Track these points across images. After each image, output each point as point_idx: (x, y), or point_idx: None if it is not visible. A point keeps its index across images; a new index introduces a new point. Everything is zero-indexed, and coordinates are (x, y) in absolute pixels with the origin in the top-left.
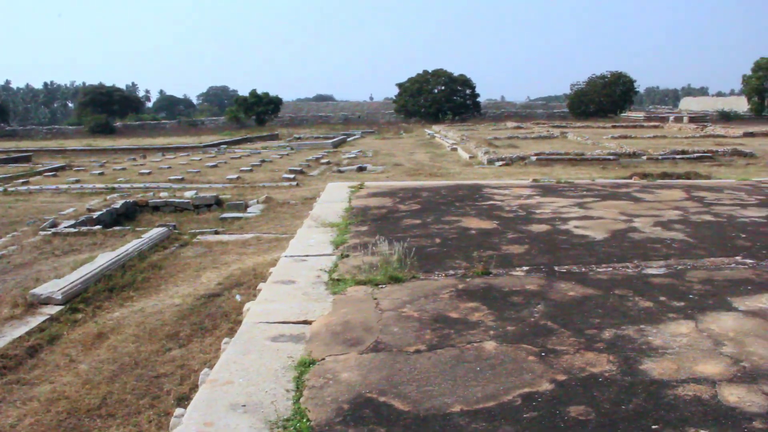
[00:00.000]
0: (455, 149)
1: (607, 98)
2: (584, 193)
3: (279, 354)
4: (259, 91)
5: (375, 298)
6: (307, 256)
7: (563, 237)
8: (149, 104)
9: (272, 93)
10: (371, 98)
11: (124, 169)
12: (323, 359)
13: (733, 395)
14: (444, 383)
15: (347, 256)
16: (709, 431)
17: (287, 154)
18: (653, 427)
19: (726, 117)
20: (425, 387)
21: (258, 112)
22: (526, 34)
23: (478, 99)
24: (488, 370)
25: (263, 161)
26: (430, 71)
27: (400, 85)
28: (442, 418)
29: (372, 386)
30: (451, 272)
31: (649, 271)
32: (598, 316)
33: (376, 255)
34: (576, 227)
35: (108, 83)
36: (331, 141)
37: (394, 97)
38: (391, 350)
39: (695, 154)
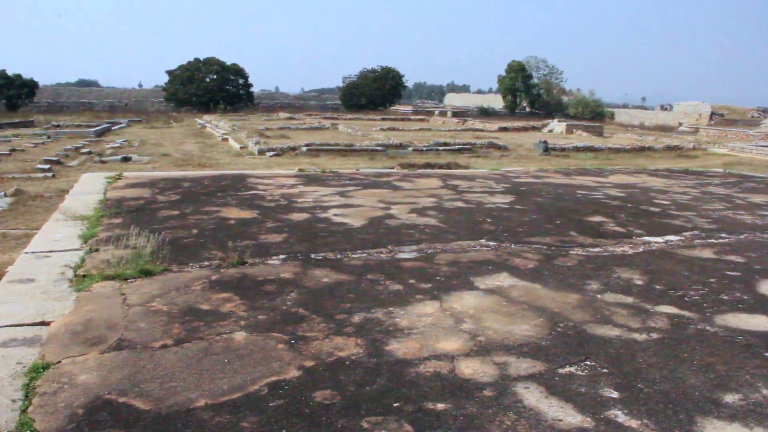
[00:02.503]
0: (226, 139)
1: (377, 92)
2: (347, 182)
3: (7, 361)
4: (10, 72)
5: (123, 294)
6: (51, 251)
7: (322, 225)
8: None
9: (26, 75)
10: (140, 85)
11: None
12: (59, 362)
13: (468, 368)
14: (189, 378)
15: (96, 250)
16: (446, 404)
17: (43, 143)
18: (395, 405)
19: (485, 113)
20: (169, 383)
21: (9, 95)
22: (301, 27)
23: (252, 89)
24: (236, 361)
25: (13, 150)
26: (201, 59)
27: (170, 73)
28: (186, 414)
29: (112, 387)
30: (206, 263)
31: (402, 255)
32: (350, 301)
33: (128, 248)
34: (336, 215)
35: None
36: (94, 129)
37: (164, 85)
38: (136, 347)
39: (456, 146)
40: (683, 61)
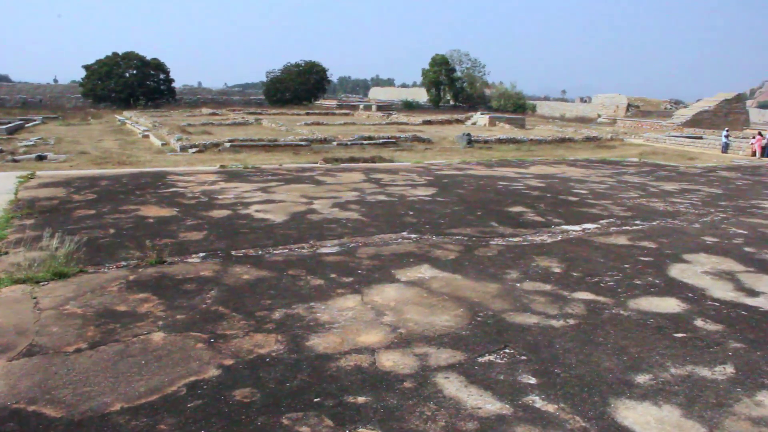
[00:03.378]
0: (147, 136)
1: (302, 86)
2: (270, 177)
3: None
4: None
5: (34, 297)
6: None
7: (243, 221)
8: None
9: None
10: (55, 81)
11: None
12: None
13: (389, 360)
14: (105, 382)
15: (6, 253)
16: (366, 397)
17: None
18: (315, 400)
19: (409, 106)
20: (83, 388)
21: None
22: (223, 20)
23: (173, 85)
24: (154, 362)
25: None
26: (120, 54)
27: (87, 68)
28: (100, 419)
29: (21, 395)
30: (123, 263)
31: (324, 250)
32: (271, 298)
33: (41, 250)
34: (257, 211)
35: None
36: (5, 127)
37: (81, 81)
38: (47, 353)
39: (381, 140)
40: (602, 54)
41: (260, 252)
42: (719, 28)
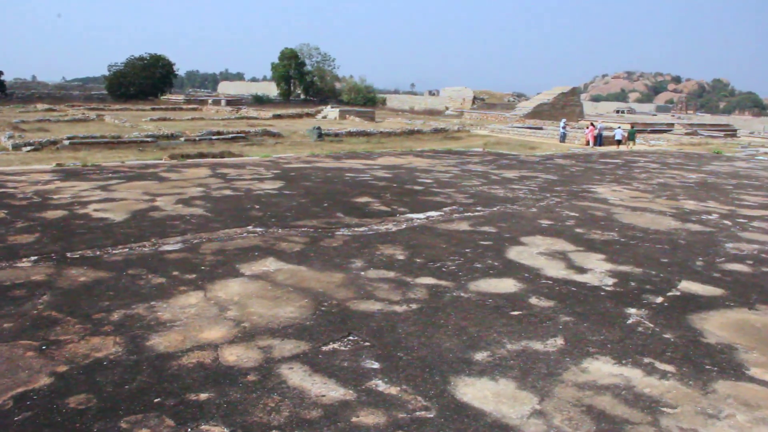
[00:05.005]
0: None
1: (147, 80)
2: (110, 175)
3: None
4: None
5: None
6: None
7: (80, 221)
8: None
9: None
10: None
11: None
12: None
13: (232, 355)
14: None
15: None
16: (209, 393)
17: None
18: (155, 400)
19: (259, 100)
20: None
21: None
22: (60, 8)
23: (3, 78)
24: None
25: None
26: None
27: None
28: None
29: None
30: None
31: (166, 247)
32: (109, 299)
33: None
34: (96, 210)
35: None
36: None
37: None
38: None
39: (230, 135)
40: (449, 48)
41: (98, 252)
42: (556, 27)
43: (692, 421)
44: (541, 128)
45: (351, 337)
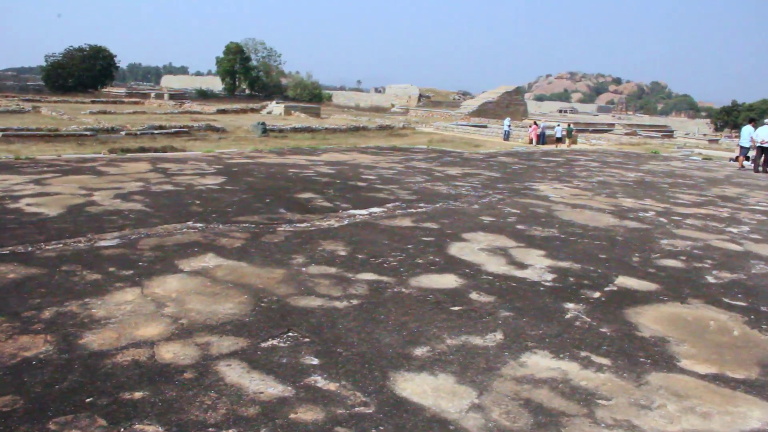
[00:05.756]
0: None
1: (87, 72)
2: (45, 169)
3: None
4: None
5: None
6: None
7: (12, 216)
8: None
9: None
10: None
11: None
12: None
13: (169, 352)
14: None
15: None
16: (144, 392)
17: None
18: (87, 400)
19: (204, 95)
20: None
21: None
22: None
23: None
24: None
25: None
26: None
27: None
28: None
29: None
30: None
31: (102, 243)
32: (41, 296)
33: None
34: (29, 205)
35: None
36: None
37: None
38: None
39: (173, 129)
40: (395, 45)
41: (30, 248)
42: (502, 27)
43: (626, 412)
44: (485, 126)
45: (290, 333)
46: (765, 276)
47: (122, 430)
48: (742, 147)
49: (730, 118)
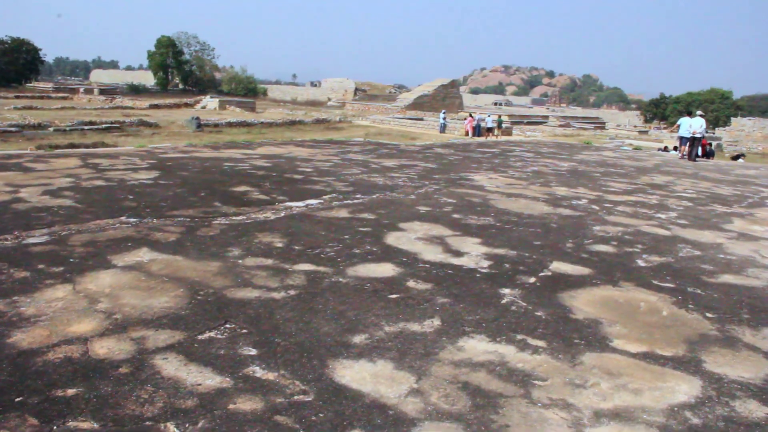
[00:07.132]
0: None
1: (9, 66)
2: None
3: None
4: None
5: None
6: None
7: None
8: None
9: None
10: None
11: None
12: None
13: (103, 348)
14: None
15: None
16: (77, 389)
17: None
18: (17, 399)
19: (135, 90)
20: None
21: None
22: None
23: None
24: None
25: None
26: None
27: None
28: None
29: None
30: None
31: (31, 240)
32: None
33: None
34: None
35: None
36: None
37: None
38: None
39: (104, 125)
40: (330, 39)
41: None
42: (437, 20)
43: (561, 392)
44: (421, 119)
45: (228, 325)
46: (691, 259)
47: (55, 428)
48: (682, 138)
49: (658, 110)
